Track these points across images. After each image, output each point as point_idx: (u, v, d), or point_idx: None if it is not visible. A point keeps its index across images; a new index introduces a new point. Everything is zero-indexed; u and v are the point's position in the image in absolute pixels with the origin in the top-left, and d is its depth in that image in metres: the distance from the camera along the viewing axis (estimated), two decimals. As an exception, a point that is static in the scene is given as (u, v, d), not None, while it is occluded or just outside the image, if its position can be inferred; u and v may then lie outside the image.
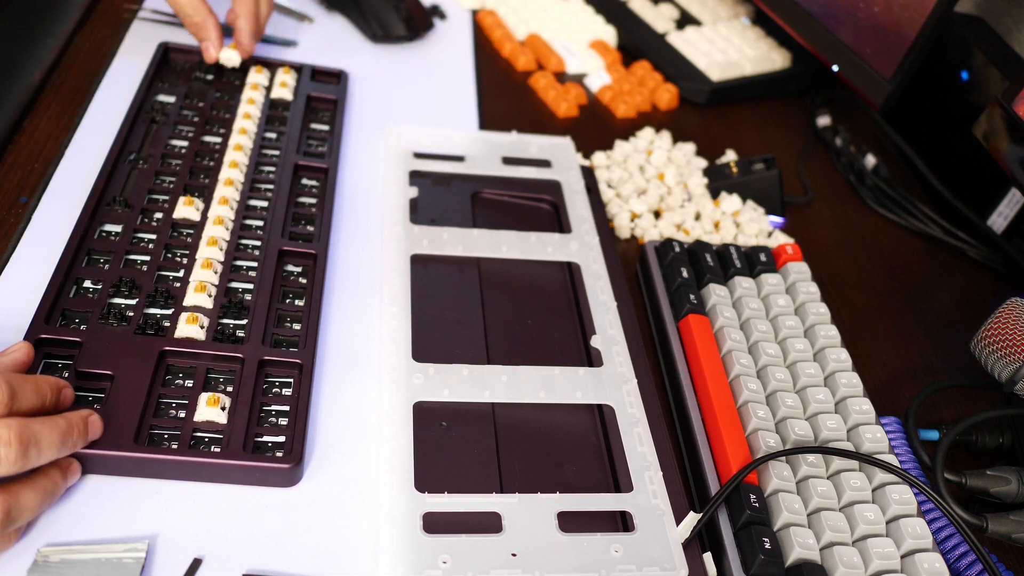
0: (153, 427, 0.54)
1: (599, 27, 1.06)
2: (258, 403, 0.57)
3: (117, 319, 0.59)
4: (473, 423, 0.60)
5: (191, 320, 0.59)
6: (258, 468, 0.53)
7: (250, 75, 0.83)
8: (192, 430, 0.54)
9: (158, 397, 0.56)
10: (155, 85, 0.79)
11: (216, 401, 0.55)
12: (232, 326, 0.61)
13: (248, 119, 0.77)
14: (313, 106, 0.83)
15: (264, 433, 0.56)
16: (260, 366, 0.58)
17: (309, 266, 0.67)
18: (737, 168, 0.84)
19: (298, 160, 0.75)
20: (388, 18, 0.95)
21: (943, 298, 0.82)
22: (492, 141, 0.83)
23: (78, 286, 0.61)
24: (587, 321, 0.68)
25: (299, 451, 0.54)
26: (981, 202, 0.87)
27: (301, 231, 0.70)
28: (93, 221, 0.65)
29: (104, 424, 0.52)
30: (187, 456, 0.53)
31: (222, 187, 0.70)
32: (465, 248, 0.71)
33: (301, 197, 0.73)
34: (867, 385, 0.67)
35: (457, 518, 0.54)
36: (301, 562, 0.51)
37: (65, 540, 0.49)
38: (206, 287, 0.62)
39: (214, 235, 0.66)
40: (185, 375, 0.58)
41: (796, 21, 0.96)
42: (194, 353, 0.58)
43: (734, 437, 0.59)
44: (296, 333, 0.62)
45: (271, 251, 0.66)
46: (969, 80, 0.90)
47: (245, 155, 0.74)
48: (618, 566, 0.52)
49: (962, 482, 0.61)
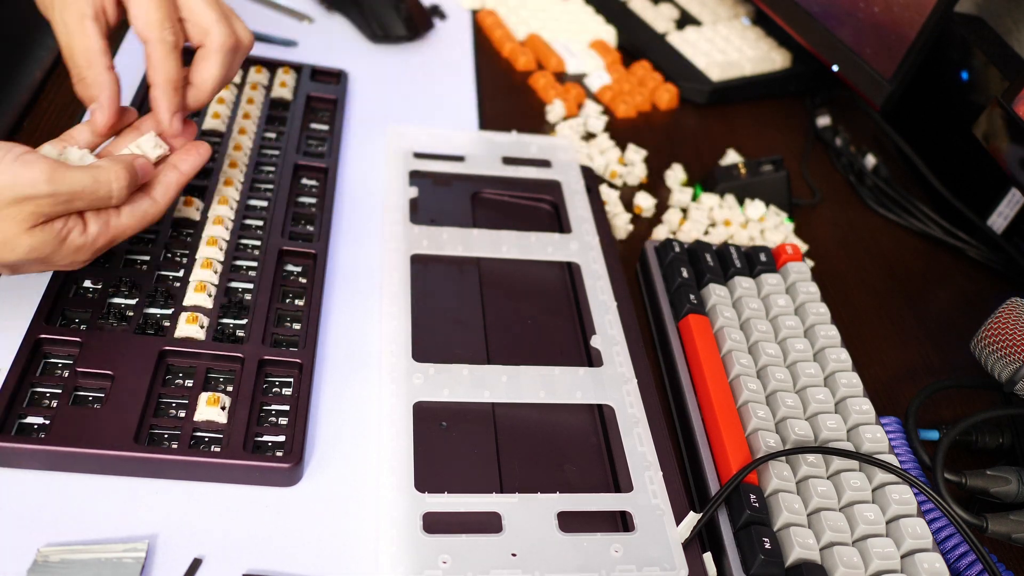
0: (153, 427, 0.54)
1: (599, 27, 1.06)
2: (258, 403, 0.57)
3: (117, 319, 0.59)
4: (473, 423, 0.60)
5: (191, 320, 0.59)
6: (258, 468, 0.53)
7: (250, 75, 0.83)
8: (192, 430, 0.54)
9: (158, 397, 0.56)
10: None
11: (216, 401, 0.55)
12: (232, 326, 0.61)
13: (248, 119, 0.77)
14: (313, 106, 0.83)
15: (264, 433, 0.56)
16: (260, 366, 0.58)
17: (309, 266, 0.67)
18: (745, 169, 0.84)
19: (298, 160, 0.75)
20: (388, 18, 0.95)
21: (943, 298, 0.82)
22: (492, 141, 0.83)
23: (78, 286, 0.61)
24: (587, 321, 0.68)
25: (299, 451, 0.54)
26: (981, 202, 0.87)
27: (301, 231, 0.70)
28: None
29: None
30: (187, 456, 0.53)
31: (222, 187, 0.70)
32: (465, 248, 0.71)
33: (301, 197, 0.73)
34: (867, 385, 0.67)
35: (457, 518, 0.54)
36: (301, 562, 0.51)
37: (65, 540, 0.49)
38: (206, 287, 0.62)
39: (214, 235, 0.66)
40: (185, 375, 0.58)
41: (796, 21, 0.96)
42: (194, 353, 0.58)
43: (734, 437, 0.59)
44: (296, 333, 0.62)
45: (271, 251, 0.66)
46: (969, 80, 0.90)
47: (245, 155, 0.74)
48: (618, 566, 0.52)
49: (962, 482, 0.61)
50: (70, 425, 0.53)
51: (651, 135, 0.93)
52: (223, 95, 0.79)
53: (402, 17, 0.95)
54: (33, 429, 0.53)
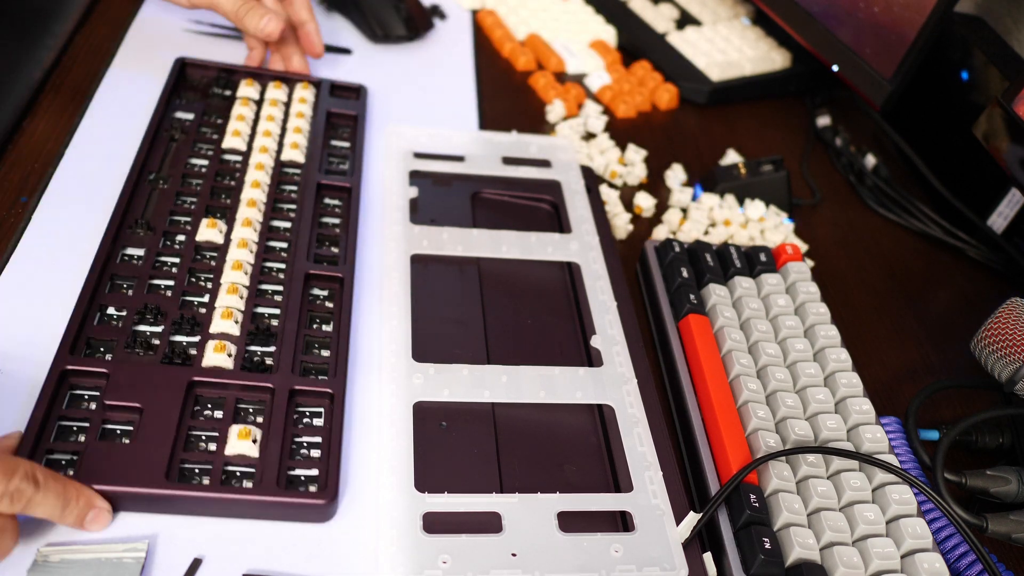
0: (184, 461, 0.53)
1: (599, 27, 1.06)
2: (289, 435, 0.55)
3: (143, 348, 0.58)
4: (473, 423, 0.60)
5: (219, 348, 0.57)
6: (293, 504, 0.52)
7: (269, 91, 0.81)
8: (224, 464, 0.53)
9: (188, 430, 0.54)
10: (173, 102, 0.77)
11: (248, 434, 0.53)
12: (260, 353, 0.59)
13: (268, 136, 0.75)
14: (333, 122, 0.81)
15: (296, 466, 0.54)
16: (291, 396, 0.57)
17: (336, 289, 0.65)
18: (745, 169, 0.84)
19: (320, 179, 0.73)
20: (388, 18, 0.95)
21: (943, 298, 0.82)
22: (492, 141, 0.83)
23: (102, 313, 0.60)
24: (587, 321, 0.68)
25: (334, 486, 0.53)
26: (981, 202, 0.87)
27: (326, 253, 0.68)
28: (116, 244, 0.63)
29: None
30: (220, 493, 0.51)
31: (245, 208, 0.68)
32: (465, 248, 0.71)
33: (324, 217, 0.71)
34: (867, 385, 0.67)
35: (457, 518, 0.54)
36: (301, 562, 0.51)
37: (65, 540, 0.49)
38: (232, 313, 0.60)
39: (239, 258, 0.64)
40: (214, 406, 0.56)
41: (796, 21, 0.96)
42: (223, 383, 0.56)
43: (734, 437, 0.59)
44: (325, 360, 0.60)
45: (297, 275, 0.64)
46: (969, 80, 0.90)
47: (267, 174, 0.72)
48: (618, 566, 0.52)
49: (962, 482, 0.61)
50: (100, 461, 0.51)
51: (651, 135, 0.93)
52: (243, 112, 0.77)
53: (402, 17, 0.95)
54: (61, 465, 0.51)
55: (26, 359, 0.57)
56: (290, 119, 0.78)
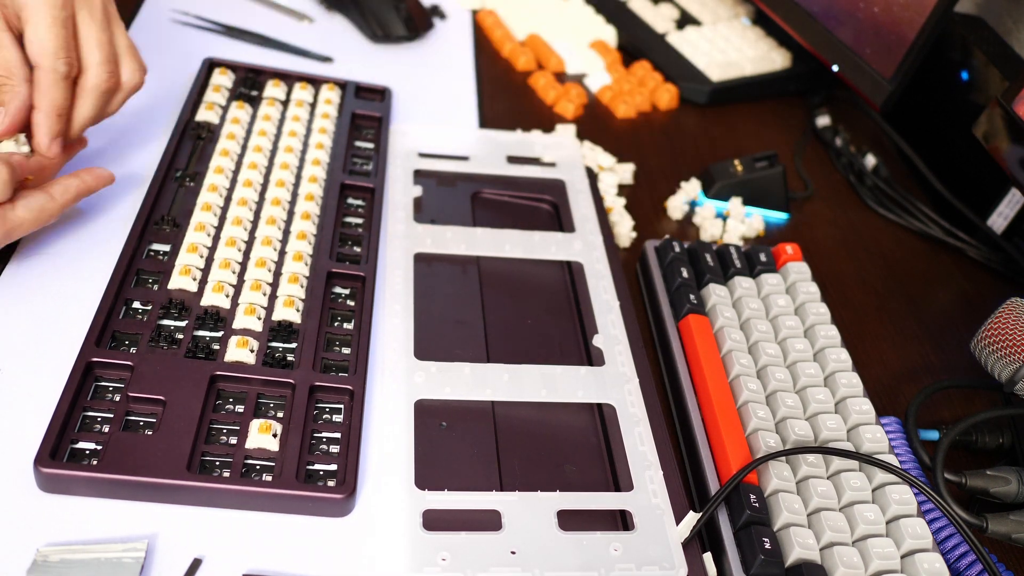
0: (205, 453, 0.53)
1: (599, 27, 1.06)
2: (309, 430, 0.56)
3: (167, 342, 0.58)
4: (474, 421, 0.60)
5: (241, 344, 0.58)
6: (311, 498, 0.52)
7: (295, 91, 0.82)
8: (244, 457, 0.53)
9: (210, 423, 0.55)
10: (201, 100, 0.78)
11: (268, 428, 0.54)
12: (281, 350, 0.60)
13: (293, 136, 0.76)
14: (357, 123, 0.81)
15: (315, 461, 0.55)
16: (311, 392, 0.57)
17: (357, 288, 0.66)
18: (742, 166, 0.84)
19: (344, 179, 0.74)
20: (388, 18, 0.95)
21: (943, 298, 0.82)
22: (497, 140, 0.83)
23: (127, 307, 0.60)
24: (588, 320, 0.68)
25: (352, 481, 0.53)
26: (981, 202, 0.87)
27: (348, 252, 0.69)
28: (142, 241, 0.64)
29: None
30: (240, 485, 0.52)
31: (269, 207, 0.69)
32: (468, 247, 0.71)
33: (347, 216, 0.72)
34: (867, 385, 0.67)
35: (457, 516, 0.54)
36: (301, 561, 0.51)
37: (65, 540, 0.49)
38: (255, 309, 0.61)
39: (263, 256, 0.65)
40: (236, 400, 0.57)
41: (796, 21, 0.96)
42: (245, 378, 0.57)
43: (734, 437, 0.59)
44: (346, 358, 0.61)
45: (319, 273, 0.65)
46: (969, 80, 0.90)
47: (291, 173, 0.73)
48: (617, 565, 0.52)
49: (962, 482, 0.61)
50: (122, 452, 0.51)
51: (651, 135, 0.93)
52: (268, 112, 0.78)
53: (402, 17, 0.95)
54: (85, 455, 0.52)
55: (51, 353, 0.58)
56: (315, 120, 0.79)
